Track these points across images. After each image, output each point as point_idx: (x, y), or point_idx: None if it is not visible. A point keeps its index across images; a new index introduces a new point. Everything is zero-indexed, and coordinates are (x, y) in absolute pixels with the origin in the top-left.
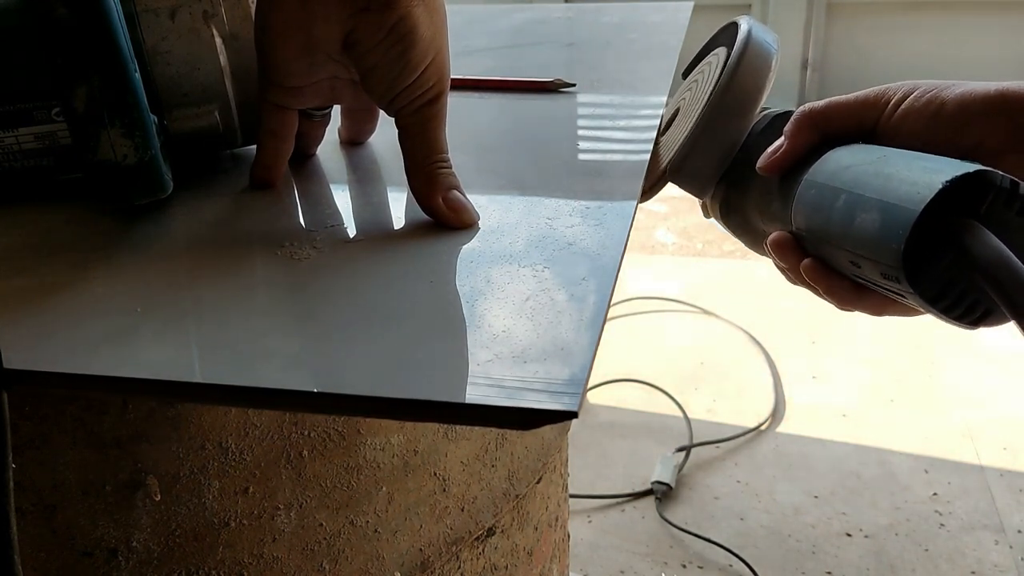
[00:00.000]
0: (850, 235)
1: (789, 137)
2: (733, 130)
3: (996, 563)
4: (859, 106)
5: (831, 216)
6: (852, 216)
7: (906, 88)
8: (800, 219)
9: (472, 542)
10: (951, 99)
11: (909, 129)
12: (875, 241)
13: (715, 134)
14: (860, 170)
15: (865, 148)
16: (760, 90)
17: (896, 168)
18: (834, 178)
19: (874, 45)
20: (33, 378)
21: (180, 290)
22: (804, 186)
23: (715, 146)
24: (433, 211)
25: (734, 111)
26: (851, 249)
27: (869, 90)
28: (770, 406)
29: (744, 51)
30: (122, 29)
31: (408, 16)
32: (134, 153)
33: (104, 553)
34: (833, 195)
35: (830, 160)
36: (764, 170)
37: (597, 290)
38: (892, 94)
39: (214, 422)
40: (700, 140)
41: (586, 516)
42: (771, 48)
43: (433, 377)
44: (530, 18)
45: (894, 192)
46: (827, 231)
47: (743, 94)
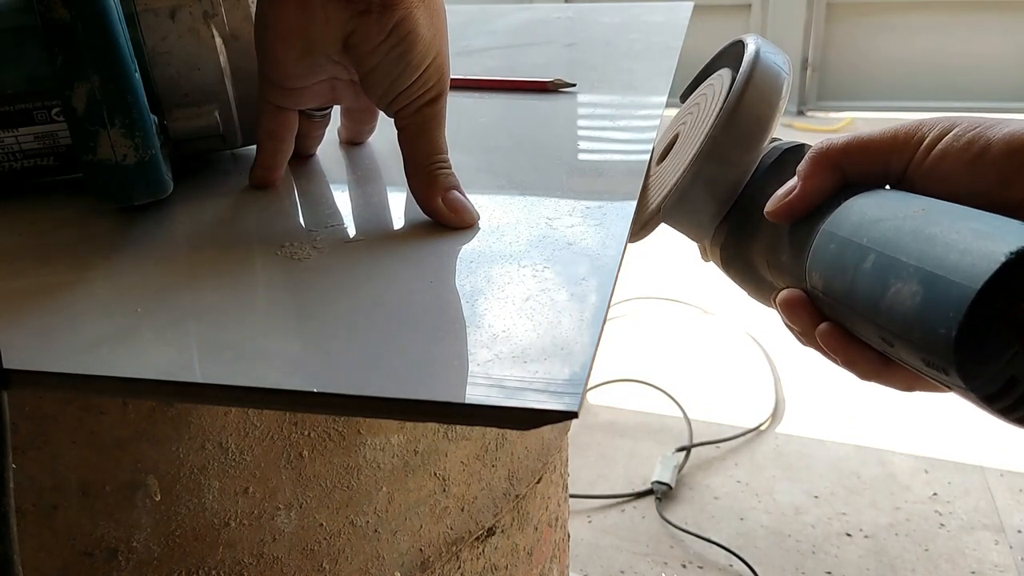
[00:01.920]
0: (882, 308)
1: (803, 179)
2: (737, 166)
3: (996, 563)
4: (887, 145)
5: (857, 280)
6: (885, 284)
7: (943, 125)
8: (817, 277)
9: (472, 542)
10: (997, 141)
11: (946, 175)
12: (916, 321)
13: (716, 171)
14: (893, 225)
15: (897, 196)
16: (769, 120)
17: (941, 228)
18: (860, 232)
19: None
20: (33, 378)
21: (180, 290)
22: (822, 238)
23: (716, 185)
24: (433, 211)
25: (738, 144)
26: (883, 325)
27: (899, 126)
28: (770, 406)
29: (751, 75)
30: (122, 29)
31: (408, 17)
32: (134, 153)
33: (104, 553)
34: (859, 254)
35: (853, 209)
36: (773, 216)
37: (597, 290)
38: (926, 132)
39: (214, 422)
40: (699, 177)
41: (586, 516)
42: (782, 71)
43: (433, 377)
44: (530, 18)
45: (941, 261)
46: (851, 297)
47: (749, 125)
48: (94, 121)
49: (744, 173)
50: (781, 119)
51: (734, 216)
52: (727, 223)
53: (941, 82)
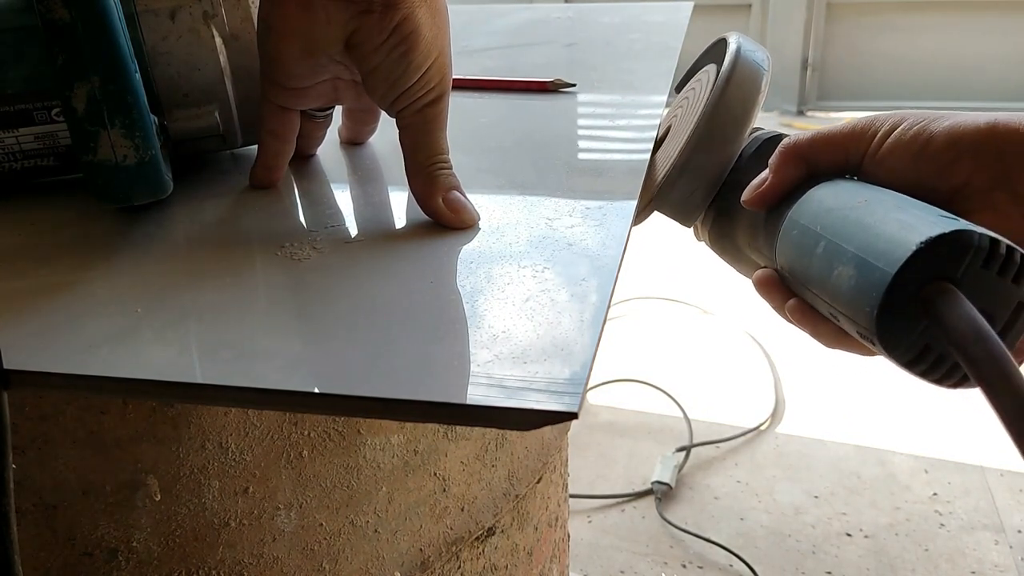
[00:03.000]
0: (828, 287)
1: (773, 171)
2: (720, 156)
3: (996, 563)
4: (845, 139)
5: (812, 263)
6: (831, 267)
7: (894, 120)
8: (783, 259)
9: (472, 542)
10: (939, 133)
11: (895, 165)
12: (851, 299)
13: (700, 163)
14: (840, 215)
15: (849, 188)
16: (748, 113)
17: (876, 218)
18: (816, 220)
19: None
20: (33, 378)
21: (180, 290)
22: (787, 225)
23: (701, 174)
24: (433, 211)
25: (720, 138)
26: (830, 302)
27: (857, 120)
28: (770, 406)
29: (732, 72)
30: (122, 29)
31: (410, 17)
32: (134, 153)
33: (104, 553)
34: (814, 240)
35: (813, 199)
36: (748, 204)
37: (597, 290)
38: (879, 126)
39: (214, 422)
40: (685, 168)
41: (586, 516)
42: (761, 67)
43: (433, 377)
44: (530, 18)
45: (871, 247)
46: (807, 277)
47: (730, 119)
48: (94, 121)
49: (727, 162)
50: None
51: (720, 201)
52: (714, 207)
53: (941, 82)
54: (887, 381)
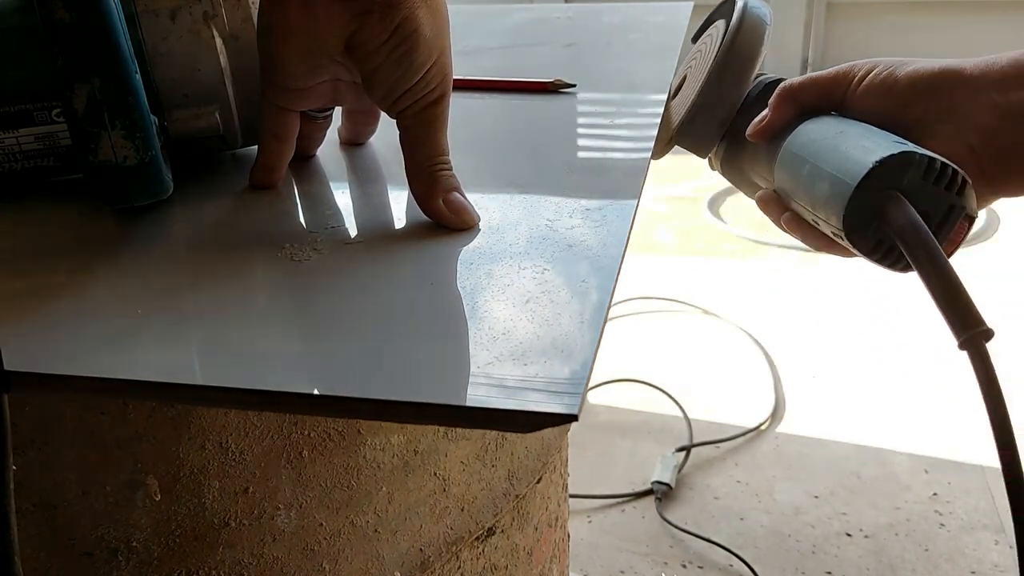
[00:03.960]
0: (811, 198)
1: (771, 109)
2: (731, 96)
3: (996, 563)
4: (830, 82)
5: (799, 181)
6: (813, 183)
7: (868, 65)
8: (779, 180)
9: (472, 542)
10: (903, 77)
11: (868, 103)
12: (826, 207)
13: (715, 100)
14: (821, 144)
15: (830, 122)
16: (755, 57)
17: (847, 145)
18: (803, 149)
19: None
20: (34, 379)
21: (180, 292)
22: (782, 153)
23: (715, 110)
24: (434, 212)
25: (732, 79)
26: (811, 210)
27: (840, 66)
28: (770, 406)
29: (741, 23)
30: (122, 30)
31: (411, 18)
32: (135, 154)
33: (104, 553)
34: (801, 163)
35: (802, 132)
36: (752, 137)
37: (598, 290)
38: (857, 71)
39: (214, 422)
40: (702, 108)
41: (586, 516)
42: (765, 18)
43: (434, 379)
44: (530, 18)
45: (841, 167)
46: (797, 193)
47: (739, 62)
48: (95, 122)
49: (736, 102)
50: None
51: (730, 135)
52: (725, 141)
53: None
54: (887, 381)
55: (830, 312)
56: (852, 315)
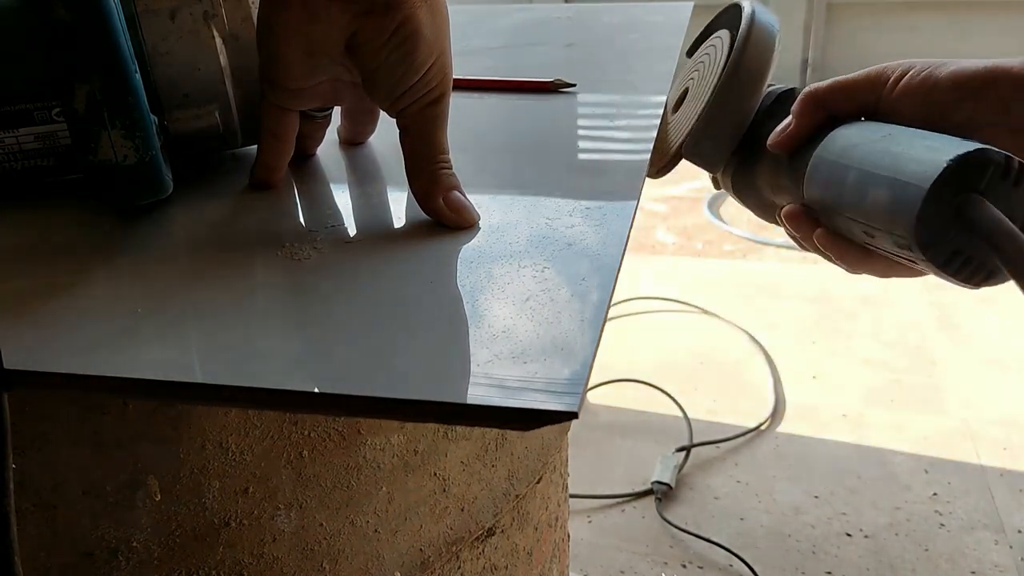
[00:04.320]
0: (862, 208)
1: (796, 116)
2: (742, 109)
3: (996, 563)
4: (860, 86)
5: (843, 191)
6: (864, 191)
7: (903, 67)
8: (812, 192)
9: (472, 542)
10: (944, 77)
11: (907, 107)
12: (888, 215)
13: (726, 114)
14: (868, 148)
15: (869, 126)
16: (766, 69)
17: (902, 147)
18: (844, 155)
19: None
20: (34, 378)
21: (180, 290)
22: (815, 162)
23: (726, 125)
24: (434, 211)
25: (743, 91)
26: (864, 221)
27: (870, 69)
28: (770, 406)
29: (750, 32)
30: (122, 30)
31: (411, 18)
32: (134, 154)
33: (104, 553)
34: (844, 171)
35: (838, 138)
36: (774, 147)
37: (598, 289)
38: (891, 73)
39: (214, 422)
40: (712, 121)
41: (586, 516)
42: (774, 28)
43: (433, 377)
44: (530, 18)
45: (903, 170)
46: (839, 204)
47: (751, 74)
48: (94, 122)
49: (748, 115)
50: None
51: (741, 150)
52: (736, 156)
53: None
54: (887, 381)
55: (830, 312)
56: (852, 315)
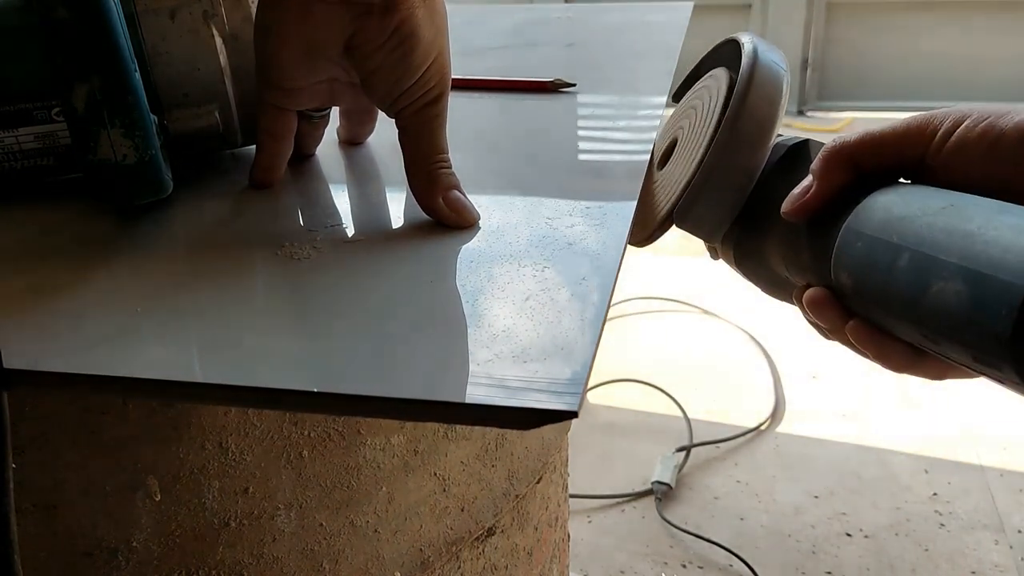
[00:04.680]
0: (923, 307)
1: (819, 177)
2: (746, 167)
3: (996, 563)
4: (900, 138)
5: (892, 279)
6: (924, 283)
7: (955, 115)
8: (844, 276)
9: (472, 542)
10: (1010, 129)
11: (962, 165)
12: (964, 320)
13: (726, 173)
14: (924, 222)
15: (919, 191)
16: (773, 119)
17: (977, 224)
18: (888, 230)
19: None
20: (33, 378)
21: (180, 290)
22: (847, 237)
23: (727, 187)
24: (433, 211)
25: (746, 146)
26: (924, 323)
27: (910, 118)
28: (770, 406)
29: (753, 73)
30: (122, 29)
31: (409, 18)
32: (134, 153)
33: (104, 553)
34: (891, 252)
35: (877, 206)
36: (791, 215)
37: (598, 289)
38: (939, 123)
39: (214, 422)
40: (709, 181)
41: (586, 516)
42: (780, 69)
43: (433, 377)
44: (530, 18)
45: (985, 258)
46: (886, 296)
47: (754, 126)
48: (94, 121)
49: (753, 173)
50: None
51: (745, 215)
52: (738, 222)
53: (941, 82)
54: (887, 381)
55: None
56: None
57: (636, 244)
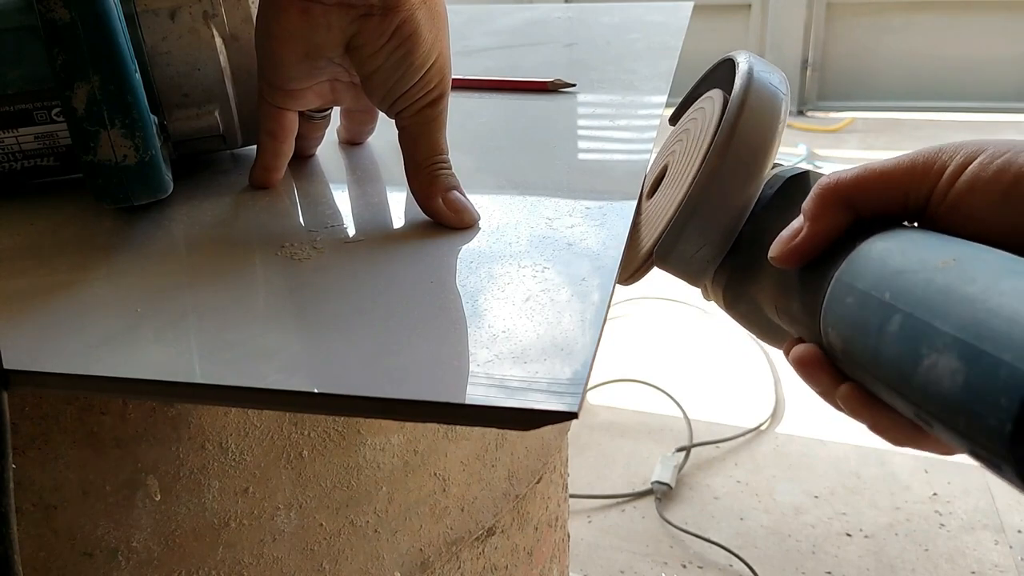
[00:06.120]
0: (915, 382)
1: (811, 218)
2: (735, 202)
3: (996, 563)
4: (904, 176)
5: (882, 344)
6: (916, 354)
7: (967, 152)
8: (834, 335)
9: (472, 542)
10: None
11: (974, 209)
12: (959, 405)
13: (713, 208)
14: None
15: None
16: (768, 147)
17: (980, 286)
18: (881, 285)
19: (874, 45)
20: (33, 378)
21: (180, 290)
22: (837, 289)
23: (713, 224)
24: (433, 211)
25: (737, 177)
26: (917, 402)
27: (915, 153)
28: (770, 406)
29: (745, 98)
30: (122, 29)
31: (410, 19)
32: (134, 153)
33: (104, 553)
34: (883, 312)
35: (872, 255)
36: (779, 261)
37: (598, 289)
38: (947, 159)
39: (214, 422)
40: (694, 217)
41: (586, 516)
42: (779, 92)
43: (433, 377)
44: (530, 18)
45: (985, 331)
46: (876, 363)
47: (747, 154)
48: (94, 121)
49: (744, 208)
50: None
51: (736, 256)
52: (728, 263)
53: (941, 82)
54: None
55: None
56: None
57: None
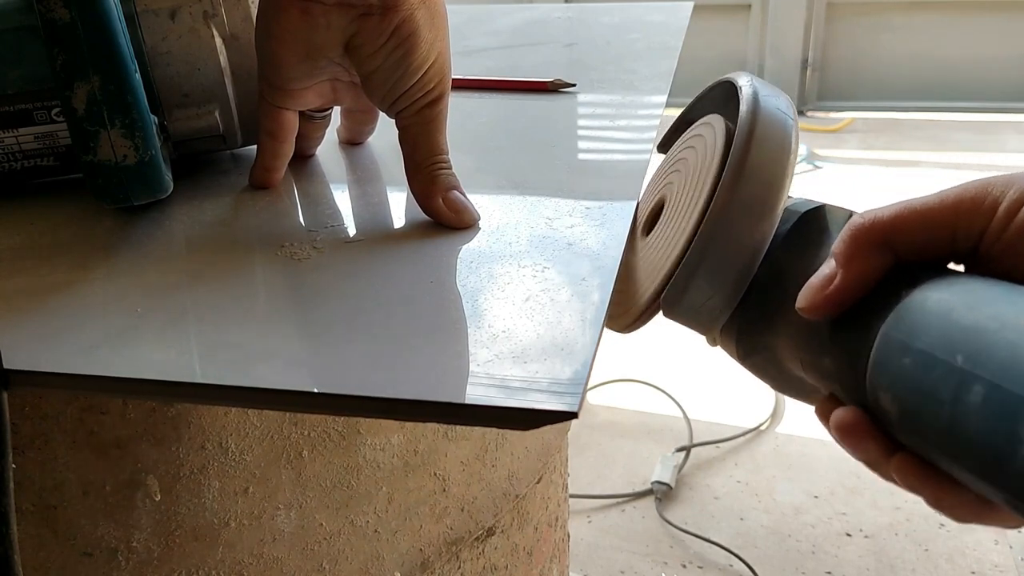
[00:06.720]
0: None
1: (844, 263)
2: (748, 243)
3: (996, 563)
4: (949, 214)
5: (959, 418)
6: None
7: (1021, 184)
8: (887, 400)
9: (472, 542)
10: None
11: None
12: None
13: (724, 252)
14: (1003, 340)
15: (984, 289)
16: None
17: None
18: (950, 346)
19: (874, 45)
20: (33, 378)
21: (180, 290)
22: (888, 347)
23: (725, 268)
24: (433, 211)
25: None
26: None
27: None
28: (770, 406)
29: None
30: (122, 29)
31: (410, 19)
32: (134, 153)
33: (104, 553)
34: (955, 379)
35: (929, 308)
36: (810, 312)
37: (598, 289)
38: (999, 194)
39: (214, 422)
40: (704, 262)
41: (586, 516)
42: (787, 117)
43: (433, 377)
44: (530, 18)
45: None
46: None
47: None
48: (94, 121)
49: (758, 250)
50: None
51: (749, 301)
52: (741, 310)
53: (941, 82)
54: None
55: None
56: None
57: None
